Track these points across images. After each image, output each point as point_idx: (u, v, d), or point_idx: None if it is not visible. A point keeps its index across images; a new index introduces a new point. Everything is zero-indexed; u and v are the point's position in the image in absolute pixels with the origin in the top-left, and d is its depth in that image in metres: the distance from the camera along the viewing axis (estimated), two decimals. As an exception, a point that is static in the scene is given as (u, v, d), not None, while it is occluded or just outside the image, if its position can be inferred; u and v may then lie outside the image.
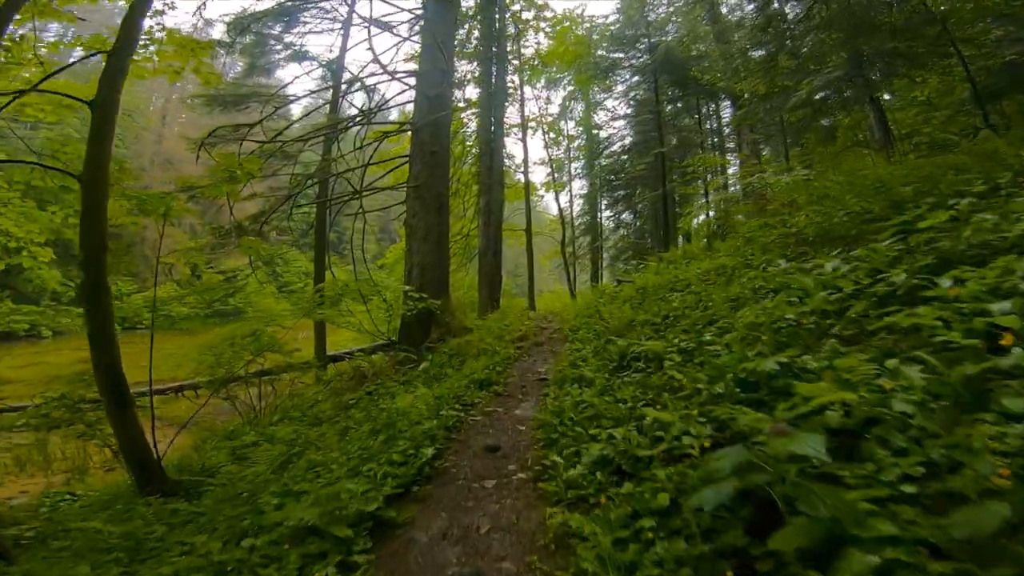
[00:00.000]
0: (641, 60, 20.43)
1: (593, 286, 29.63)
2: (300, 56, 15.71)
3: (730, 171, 24.70)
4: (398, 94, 14.96)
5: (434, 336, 10.81)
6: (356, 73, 15.55)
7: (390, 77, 14.05)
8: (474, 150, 20.46)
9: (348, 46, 15.12)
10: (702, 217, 17.03)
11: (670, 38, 20.06)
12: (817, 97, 10.93)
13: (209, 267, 43.33)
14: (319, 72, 16.93)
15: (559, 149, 30.63)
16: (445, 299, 11.28)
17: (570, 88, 28.72)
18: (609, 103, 27.13)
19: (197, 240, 43.63)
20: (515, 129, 24.20)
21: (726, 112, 27.27)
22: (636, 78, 21.44)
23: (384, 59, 15.19)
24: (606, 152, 27.23)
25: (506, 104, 20.64)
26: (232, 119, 14.62)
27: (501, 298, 18.39)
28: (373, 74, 14.40)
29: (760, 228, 7.34)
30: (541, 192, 28.84)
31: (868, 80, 11.24)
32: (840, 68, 11.11)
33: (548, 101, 29.06)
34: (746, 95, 14.89)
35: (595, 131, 28.10)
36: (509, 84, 22.60)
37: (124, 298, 35.94)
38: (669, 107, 22.37)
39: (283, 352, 10.27)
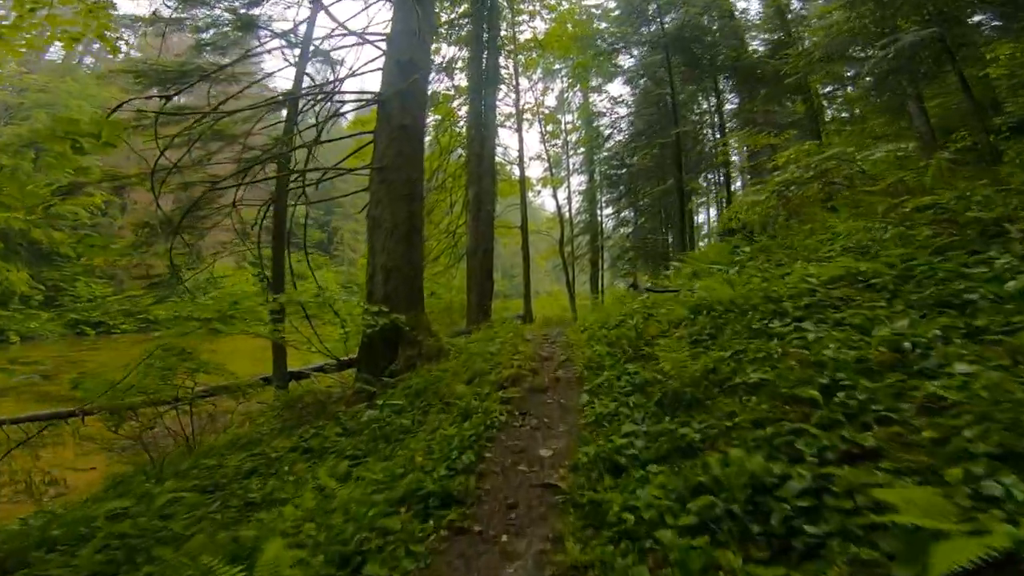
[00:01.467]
0: (652, 30, 17.65)
1: (594, 297, 27.09)
2: (250, 25, 12.92)
3: (734, 158, 22.19)
4: (369, 62, 12.22)
5: (402, 359, 8.14)
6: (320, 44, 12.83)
7: (357, 39, 11.31)
8: (463, 138, 17.74)
9: (316, 19, 12.47)
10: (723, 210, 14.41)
11: (681, 12, 17.29)
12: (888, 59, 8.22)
13: (191, 268, 40.58)
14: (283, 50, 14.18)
15: (556, 143, 27.97)
16: (417, 311, 8.60)
17: (568, 80, 26.10)
18: (613, 87, 24.36)
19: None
20: (510, 120, 21.47)
21: (728, 106, 25.02)
22: (645, 49, 18.58)
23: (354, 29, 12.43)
24: (607, 144, 24.50)
25: (499, 88, 17.91)
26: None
27: (493, 302, 15.69)
28: (332, 35, 11.67)
29: (887, 215, 4.69)
30: (538, 188, 26.15)
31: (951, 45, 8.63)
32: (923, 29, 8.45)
33: (545, 92, 26.33)
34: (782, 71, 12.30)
35: (595, 124, 25.37)
36: (503, 70, 19.93)
37: (98, 301, 33.12)
38: (681, 96, 19.70)
39: (212, 371, 7.87)
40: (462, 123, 18.23)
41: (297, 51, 12.85)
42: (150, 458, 7.06)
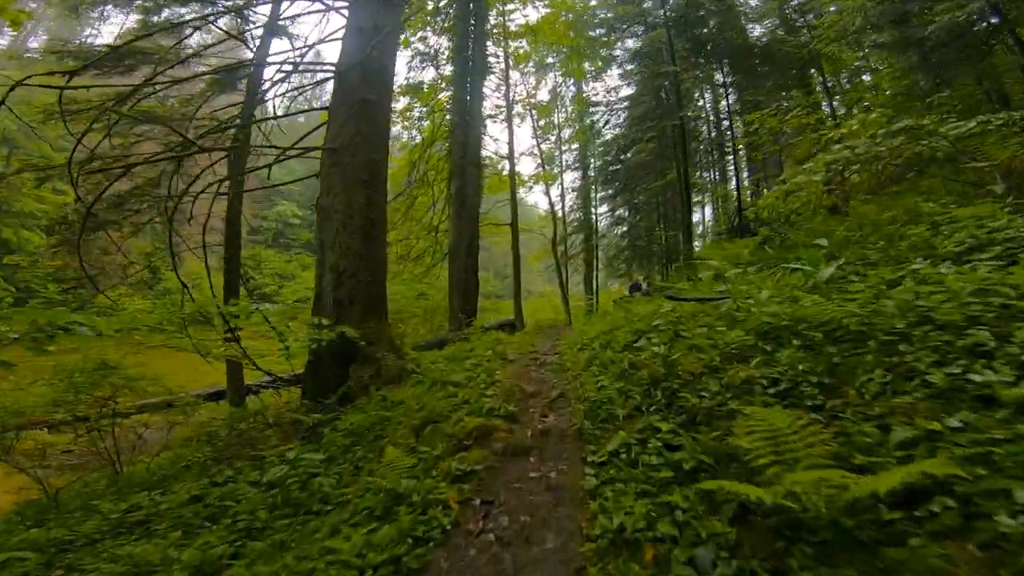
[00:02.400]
0: (653, 5, 15.95)
1: (588, 298, 25.48)
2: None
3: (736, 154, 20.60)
4: (336, 31, 10.46)
5: (356, 380, 6.45)
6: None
7: (323, 6, 9.56)
8: (448, 130, 15.99)
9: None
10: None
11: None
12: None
13: (171, 269, 38.53)
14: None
15: (550, 138, 26.26)
16: (377, 321, 6.88)
17: (561, 73, 24.43)
18: (610, 79, 22.63)
19: (155, 242, 38.92)
20: (500, 113, 19.71)
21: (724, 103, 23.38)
22: (644, 30, 16.85)
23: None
24: (603, 135, 22.83)
25: (487, 75, 16.18)
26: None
27: (484, 301, 13.98)
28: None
29: None
30: (530, 184, 24.36)
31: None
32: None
33: (537, 86, 24.61)
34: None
35: (591, 114, 23.67)
36: (492, 59, 18.21)
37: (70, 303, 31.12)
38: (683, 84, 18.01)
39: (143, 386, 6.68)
40: (449, 117, 16.52)
41: (255, 28, 11.12)
42: (44, 490, 5.66)
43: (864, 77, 16.24)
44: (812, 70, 17.42)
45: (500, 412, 3.69)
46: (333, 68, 8.18)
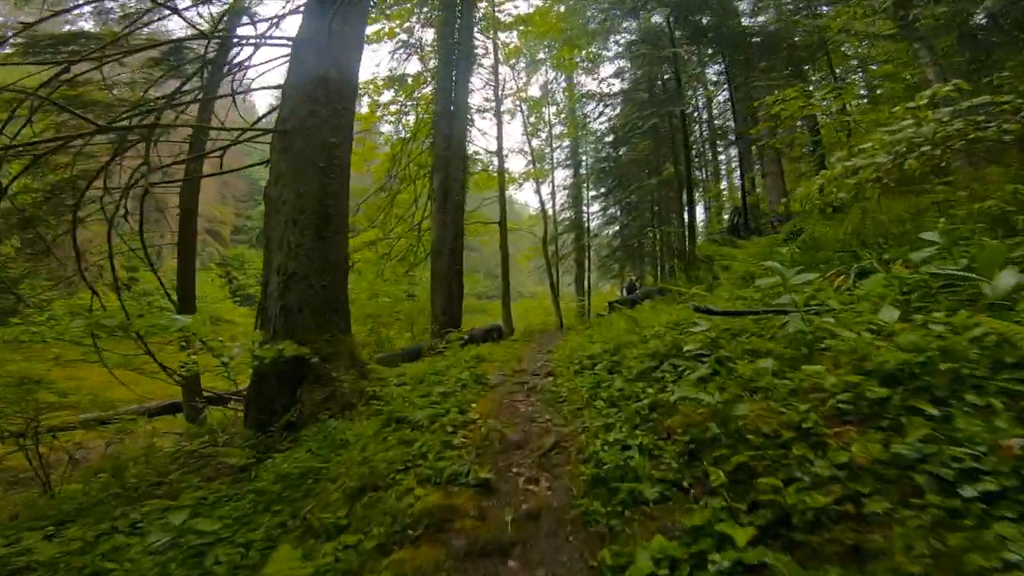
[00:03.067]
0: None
1: (580, 299, 24.34)
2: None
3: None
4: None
5: (307, 404, 5.28)
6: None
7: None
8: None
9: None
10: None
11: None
12: None
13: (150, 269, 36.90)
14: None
15: (541, 135, 25.13)
16: (334, 333, 5.70)
17: (552, 68, 23.32)
18: (604, 69, 21.50)
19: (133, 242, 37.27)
20: (488, 106, 18.52)
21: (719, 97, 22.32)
22: (641, 19, 15.68)
23: None
24: (595, 127, 21.76)
25: (473, 64, 15.01)
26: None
27: (464, 305, 12.80)
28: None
29: None
30: (520, 182, 23.22)
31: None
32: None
33: (528, 83, 23.46)
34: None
35: (583, 108, 22.58)
36: (480, 50, 17.07)
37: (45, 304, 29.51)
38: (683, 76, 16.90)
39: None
40: (433, 108, 15.31)
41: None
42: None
43: (872, 67, 15.25)
44: (811, 64, 16.45)
45: (468, 479, 2.53)
46: (289, 41, 6.98)
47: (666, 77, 15.19)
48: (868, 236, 4.48)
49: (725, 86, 19.60)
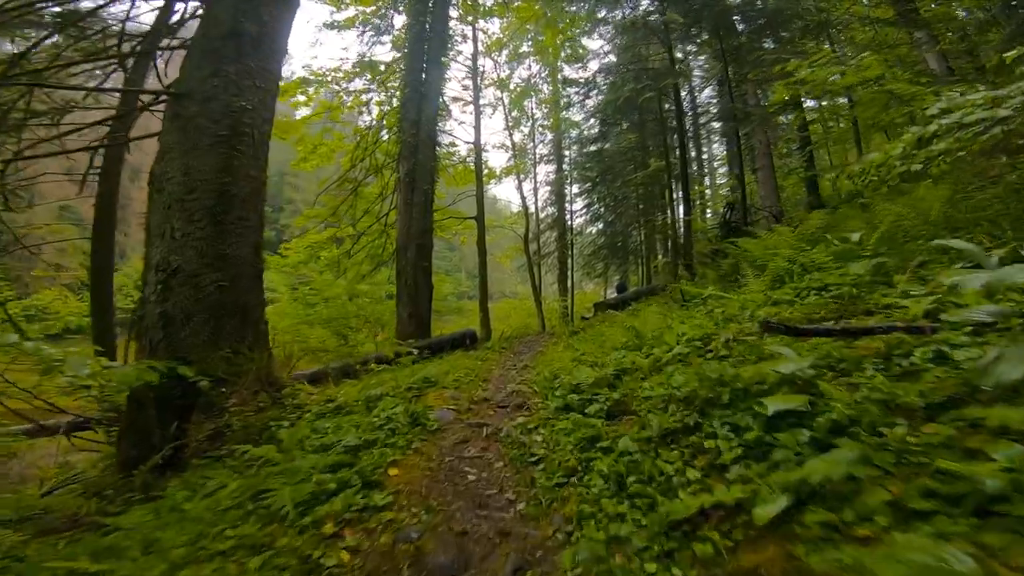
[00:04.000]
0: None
1: (563, 299, 22.98)
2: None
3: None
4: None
5: (194, 438, 3.82)
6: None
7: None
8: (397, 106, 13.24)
9: None
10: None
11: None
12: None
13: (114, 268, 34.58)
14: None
15: (523, 129, 23.69)
16: (240, 349, 4.24)
17: (535, 60, 21.90)
18: (592, 64, 20.10)
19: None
20: (466, 94, 17.04)
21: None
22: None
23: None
24: (579, 123, 20.44)
25: (448, 45, 13.52)
26: None
27: (432, 309, 11.33)
28: None
29: None
30: (500, 177, 21.73)
31: None
32: None
33: (510, 76, 21.97)
34: None
35: (565, 99, 21.21)
36: (459, 36, 15.63)
37: (-2, 306, 27.24)
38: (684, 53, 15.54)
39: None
40: (399, 91, 13.79)
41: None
42: None
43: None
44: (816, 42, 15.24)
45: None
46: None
47: (654, 57, 13.82)
48: (960, 219, 3.14)
49: (713, 78, 18.40)
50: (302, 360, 13.16)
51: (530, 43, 20.73)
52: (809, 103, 18.15)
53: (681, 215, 15.02)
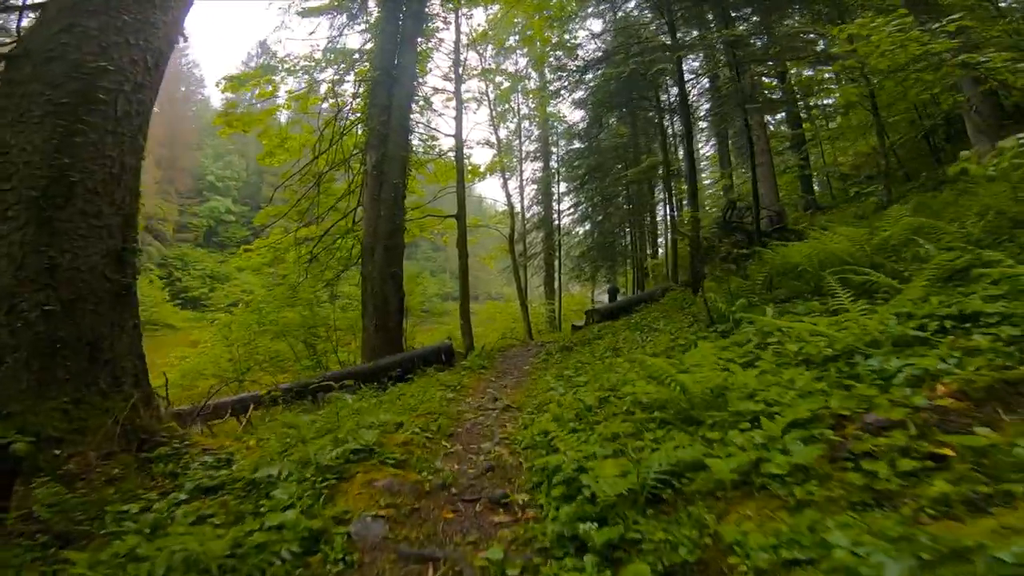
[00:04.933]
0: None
1: (549, 303, 21.67)
2: None
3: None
4: None
5: (16, 516, 2.38)
6: None
7: None
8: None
9: None
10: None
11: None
12: None
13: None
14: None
15: (508, 125, 22.34)
16: (89, 396, 2.81)
17: (523, 61, 20.58)
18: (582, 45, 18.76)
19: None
20: (448, 100, 15.58)
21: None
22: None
23: None
24: (566, 116, 19.19)
25: (424, 23, 12.08)
26: None
27: (403, 319, 9.94)
28: None
29: None
30: (485, 174, 20.26)
31: None
32: None
33: (495, 70, 20.51)
34: None
35: (552, 86, 19.90)
36: (440, 21, 14.18)
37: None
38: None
39: None
40: (368, 73, 12.31)
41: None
42: None
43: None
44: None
45: None
46: None
47: (652, 42, 12.50)
48: None
49: (706, 74, 17.19)
50: (255, 375, 11.69)
51: (517, 36, 19.36)
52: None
53: (674, 213, 13.82)
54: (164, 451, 3.26)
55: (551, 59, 18.43)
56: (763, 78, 12.66)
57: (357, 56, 13.39)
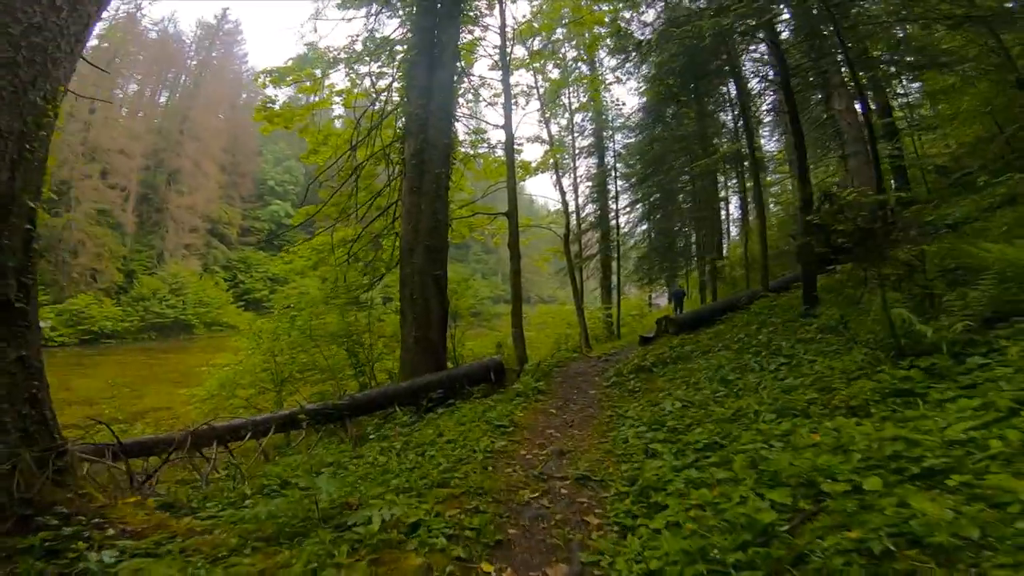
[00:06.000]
0: None
1: (606, 308, 19.87)
2: None
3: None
4: None
5: None
6: None
7: None
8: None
9: None
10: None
11: None
12: None
13: (150, 272, 33.52)
14: None
15: (559, 121, 20.77)
16: None
17: (573, 52, 18.96)
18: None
19: (128, 240, 33.89)
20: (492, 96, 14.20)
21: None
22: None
23: None
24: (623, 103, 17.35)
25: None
26: None
27: (447, 327, 8.62)
28: None
29: None
30: (539, 171, 18.70)
31: None
32: None
33: (544, 63, 18.97)
34: None
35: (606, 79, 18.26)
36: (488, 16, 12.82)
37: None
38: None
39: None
40: (403, 55, 11.06)
41: None
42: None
43: None
44: None
45: None
46: None
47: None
48: None
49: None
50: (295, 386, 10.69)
51: (564, 28, 17.76)
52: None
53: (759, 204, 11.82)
54: (46, 536, 2.03)
55: (605, 43, 16.75)
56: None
57: (400, 48, 12.25)
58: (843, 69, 12.25)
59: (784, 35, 14.03)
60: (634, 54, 11.44)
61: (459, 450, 3.49)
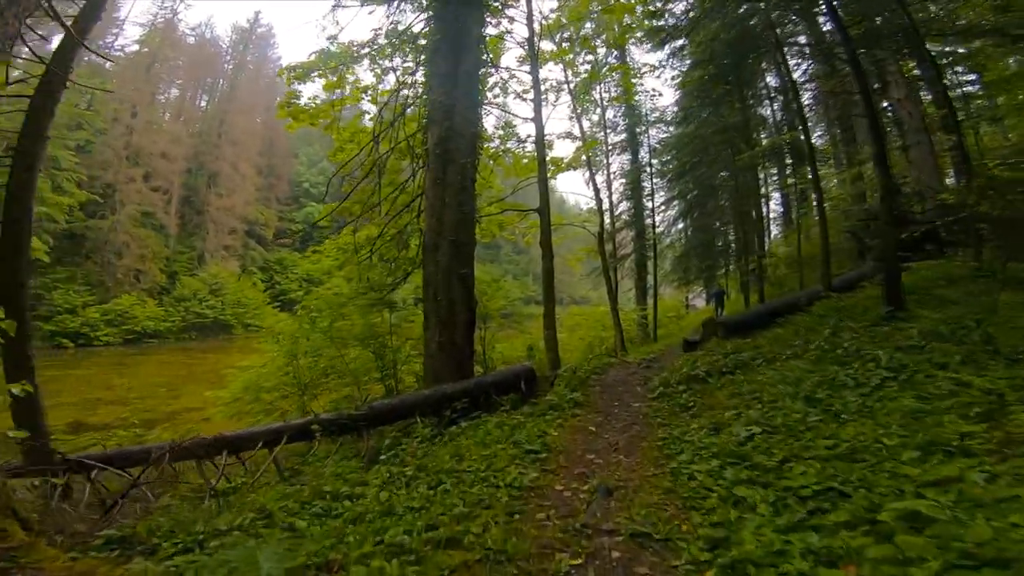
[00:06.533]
0: None
1: (641, 309, 18.86)
2: None
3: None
4: None
5: None
6: None
7: None
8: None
9: None
10: None
11: None
12: None
13: (192, 273, 34.13)
14: None
15: (591, 117, 19.90)
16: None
17: (603, 49, 18.10)
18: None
19: (171, 242, 34.52)
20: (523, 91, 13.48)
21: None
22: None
23: None
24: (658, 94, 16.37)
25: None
26: None
27: (475, 331, 7.95)
28: None
29: None
30: (573, 167, 17.84)
31: None
32: None
33: (573, 47, 18.12)
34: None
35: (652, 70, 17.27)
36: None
37: (79, 310, 26.97)
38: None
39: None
40: (426, 36, 10.43)
41: None
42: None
43: None
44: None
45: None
46: None
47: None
48: None
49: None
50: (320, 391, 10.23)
51: (592, 23, 16.87)
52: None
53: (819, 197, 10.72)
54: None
55: (635, 35, 15.80)
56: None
57: (424, 41, 11.66)
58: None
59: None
60: (670, 35, 10.49)
61: (479, 486, 2.79)
